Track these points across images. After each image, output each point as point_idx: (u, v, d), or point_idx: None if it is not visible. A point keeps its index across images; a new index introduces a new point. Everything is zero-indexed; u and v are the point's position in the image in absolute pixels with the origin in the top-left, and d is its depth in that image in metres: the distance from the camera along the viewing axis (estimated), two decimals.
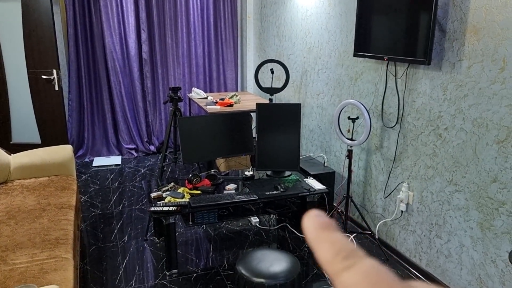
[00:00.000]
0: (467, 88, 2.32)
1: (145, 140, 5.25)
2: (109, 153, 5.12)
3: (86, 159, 4.98)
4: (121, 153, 5.15)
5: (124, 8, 4.83)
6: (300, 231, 3.33)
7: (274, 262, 2.20)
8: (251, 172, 3.20)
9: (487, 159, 2.23)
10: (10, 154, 3.17)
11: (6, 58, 4.09)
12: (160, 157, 5.06)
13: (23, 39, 3.96)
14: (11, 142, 4.28)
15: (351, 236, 3.26)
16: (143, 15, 4.93)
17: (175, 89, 3.38)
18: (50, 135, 4.22)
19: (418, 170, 2.74)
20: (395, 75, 2.87)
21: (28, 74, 4.03)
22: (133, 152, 5.15)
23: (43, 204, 2.67)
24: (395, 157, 2.94)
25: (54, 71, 3.98)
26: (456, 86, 2.40)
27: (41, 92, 4.08)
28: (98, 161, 4.89)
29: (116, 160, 4.95)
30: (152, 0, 4.92)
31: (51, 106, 4.12)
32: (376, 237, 3.20)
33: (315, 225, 0.28)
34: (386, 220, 3.10)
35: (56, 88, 4.04)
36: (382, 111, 3.04)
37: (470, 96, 2.31)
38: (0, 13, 3.98)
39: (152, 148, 5.28)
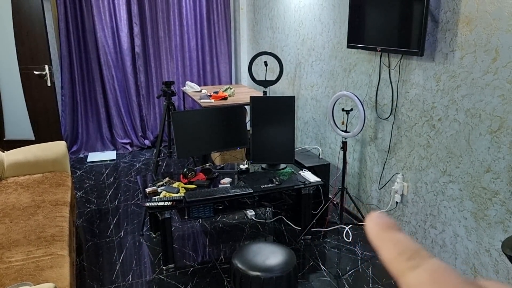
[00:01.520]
0: (460, 79, 2.32)
1: (140, 134, 5.24)
2: (104, 148, 5.10)
3: (81, 155, 4.96)
4: (115, 148, 5.13)
5: (116, 2, 4.78)
6: (296, 224, 3.34)
7: (270, 255, 2.21)
8: (246, 166, 3.20)
9: (480, 150, 2.24)
10: (3, 151, 3.15)
11: None
12: (154, 152, 5.05)
13: (14, 35, 3.91)
14: (4, 139, 4.25)
15: (347, 228, 3.28)
16: (135, 8, 4.88)
17: (169, 84, 3.36)
18: (44, 131, 4.19)
19: (412, 161, 2.75)
20: (389, 66, 2.87)
21: (20, 70, 3.99)
22: (128, 146, 5.14)
23: (38, 201, 2.66)
24: (389, 148, 2.95)
25: (46, 66, 3.94)
26: (449, 77, 2.40)
27: (33, 88, 4.05)
28: (93, 157, 4.87)
29: (110, 155, 4.93)
30: None
31: (44, 102, 4.08)
32: None
33: (377, 226, 0.28)
34: (381, 211, 3.11)
35: (49, 84, 4.01)
36: (376, 102, 3.04)
37: (463, 87, 2.31)
38: None
39: (146, 142, 5.26)
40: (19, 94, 4.11)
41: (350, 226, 3.31)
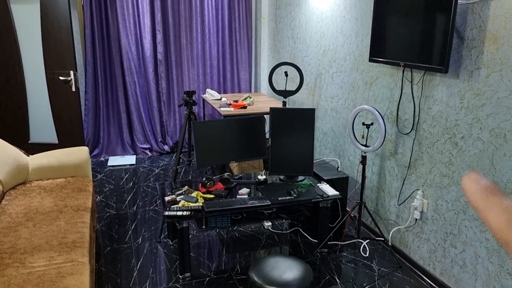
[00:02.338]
0: (485, 97, 2.29)
1: (159, 140, 5.30)
2: (124, 152, 5.18)
3: (102, 158, 5.05)
4: (135, 153, 5.21)
5: (140, 10, 4.87)
6: (312, 236, 3.33)
7: (287, 270, 2.21)
8: (264, 176, 3.20)
9: (504, 170, 2.20)
10: (28, 155, 3.23)
11: (25, 59, 4.16)
12: (174, 159, 5.10)
13: (42, 41, 4.02)
14: (29, 142, 4.36)
15: (364, 243, 3.25)
16: (158, 16, 4.96)
17: (190, 93, 3.40)
18: (67, 134, 4.29)
19: (433, 178, 2.72)
20: (411, 81, 2.84)
21: (46, 75, 4.09)
22: (147, 151, 5.20)
23: (60, 206, 2.72)
24: (409, 164, 2.92)
25: (72, 72, 4.04)
26: (473, 95, 2.36)
27: (58, 92, 4.14)
28: (113, 161, 4.95)
29: (130, 159, 5.01)
30: (167, 2, 4.95)
31: (68, 107, 4.18)
32: (389, 243, 3.18)
33: (480, 190, 0.26)
34: (399, 227, 3.08)
35: (73, 89, 4.10)
36: (397, 117, 3.01)
37: (488, 106, 2.27)
38: (20, 15, 4.05)
39: (166, 148, 5.32)
40: (45, 98, 4.21)
41: (367, 241, 3.28)
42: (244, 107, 4.35)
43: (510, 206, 0.24)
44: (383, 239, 3.19)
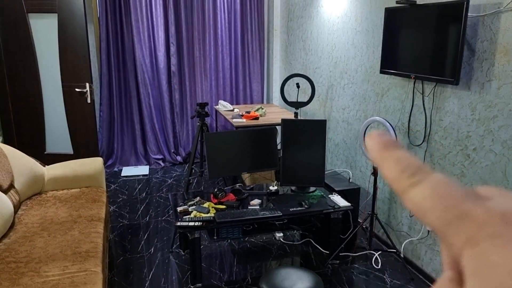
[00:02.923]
0: (497, 109, 2.28)
1: (172, 150, 5.36)
2: (137, 163, 5.24)
3: (115, 169, 5.12)
4: (148, 163, 5.27)
5: (154, 23, 4.97)
6: (324, 247, 3.32)
7: (298, 281, 2.21)
8: (275, 187, 3.22)
9: None
10: (44, 166, 3.31)
11: (42, 72, 4.27)
12: (186, 169, 5.15)
13: (59, 54, 4.12)
14: (45, 152, 4.45)
15: (376, 254, 3.23)
16: (172, 29, 5.05)
17: (203, 105, 3.45)
18: (82, 145, 4.37)
19: None
20: (422, 93, 2.84)
21: (62, 87, 4.19)
22: (160, 162, 5.26)
23: (75, 216, 2.77)
24: None
25: (87, 84, 4.13)
26: (485, 107, 2.36)
27: (74, 104, 4.24)
28: (127, 171, 5.02)
29: (143, 170, 5.07)
30: (181, 15, 5.04)
31: (83, 118, 4.26)
32: (402, 255, 3.15)
33: (378, 144, 0.28)
34: (412, 239, 3.05)
35: (89, 101, 4.19)
36: (408, 128, 3.01)
37: (500, 117, 2.26)
38: (38, 29, 4.17)
39: (178, 158, 5.38)
40: (61, 110, 4.31)
41: (379, 252, 3.25)
42: (256, 118, 4.38)
43: (402, 157, 0.26)
44: (395, 250, 3.16)
